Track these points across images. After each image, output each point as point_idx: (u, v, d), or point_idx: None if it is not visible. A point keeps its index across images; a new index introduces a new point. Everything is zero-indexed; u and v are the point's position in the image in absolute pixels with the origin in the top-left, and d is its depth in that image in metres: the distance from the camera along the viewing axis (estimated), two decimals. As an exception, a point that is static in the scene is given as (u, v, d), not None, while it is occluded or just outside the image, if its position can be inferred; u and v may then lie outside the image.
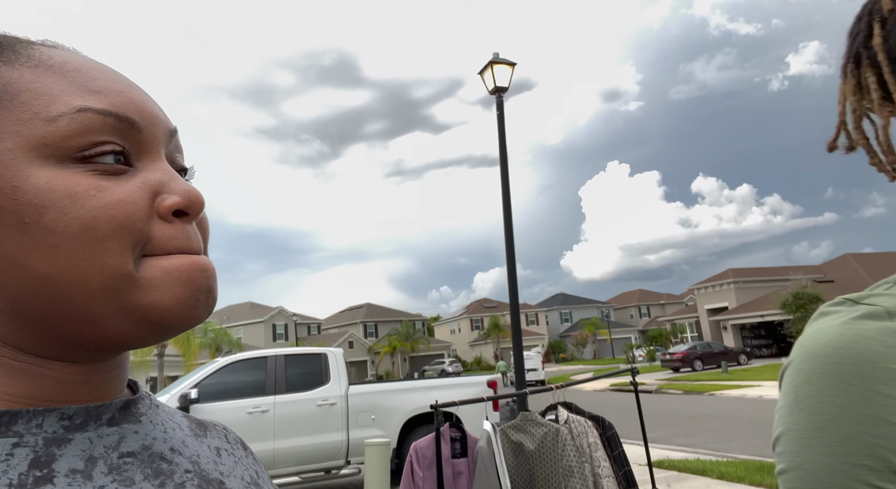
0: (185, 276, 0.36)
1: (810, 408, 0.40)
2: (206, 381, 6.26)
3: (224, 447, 0.46)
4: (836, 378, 0.39)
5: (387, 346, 45.33)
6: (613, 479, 2.15)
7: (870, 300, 0.42)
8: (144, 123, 0.38)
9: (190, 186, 0.38)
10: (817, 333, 0.42)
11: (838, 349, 0.40)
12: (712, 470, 6.26)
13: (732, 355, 27.86)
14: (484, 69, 7.57)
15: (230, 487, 0.41)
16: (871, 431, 0.37)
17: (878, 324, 0.40)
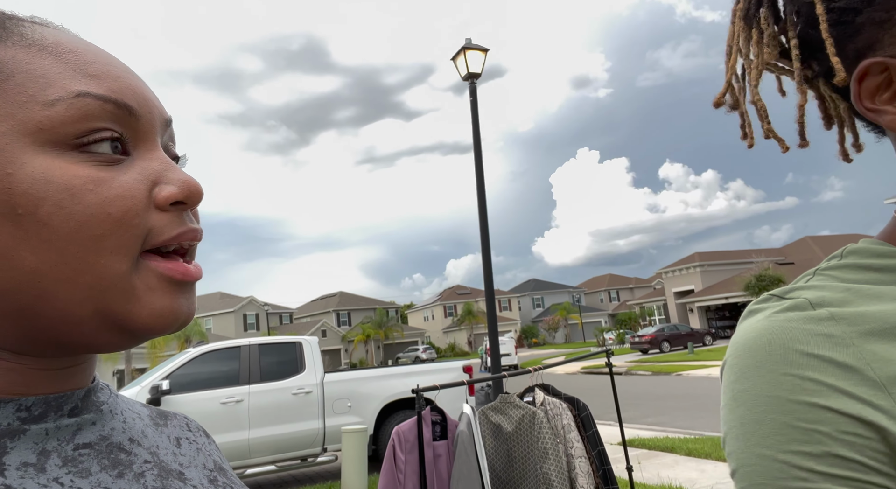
0: (173, 290, 0.36)
1: (746, 402, 0.40)
2: (178, 372, 6.17)
3: (185, 436, 0.45)
4: (767, 369, 0.39)
5: (360, 335, 45.25)
6: (586, 459, 2.21)
7: (793, 294, 0.43)
8: (142, 111, 0.37)
9: (187, 176, 0.37)
10: (747, 330, 0.43)
11: (766, 342, 0.40)
12: (680, 447, 6.48)
13: (698, 336, 28.70)
14: (457, 55, 7.53)
15: (190, 478, 0.41)
16: (806, 417, 0.37)
17: (801, 314, 0.41)
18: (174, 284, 0.36)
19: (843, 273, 0.45)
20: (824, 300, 0.42)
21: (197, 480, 0.41)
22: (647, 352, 27.71)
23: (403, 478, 2.13)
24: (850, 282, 0.43)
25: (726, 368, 0.43)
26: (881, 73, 0.44)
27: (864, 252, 0.46)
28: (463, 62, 7.42)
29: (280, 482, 6.95)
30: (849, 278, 0.44)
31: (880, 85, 0.44)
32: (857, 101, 0.45)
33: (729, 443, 0.42)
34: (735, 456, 0.41)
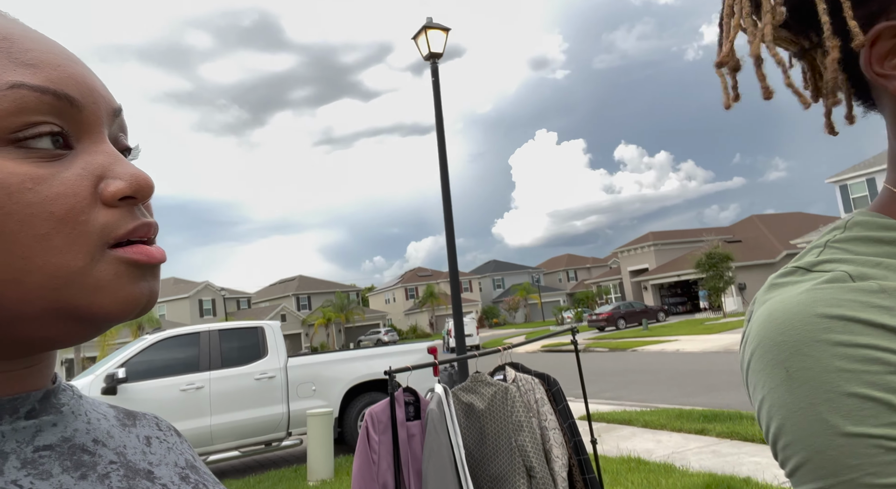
0: (138, 274, 0.35)
1: (812, 380, 0.36)
2: (135, 360, 5.98)
3: (155, 435, 0.45)
4: (819, 341, 0.37)
5: (321, 318, 44.86)
6: (559, 431, 2.28)
7: (823, 267, 0.42)
8: (85, 101, 0.35)
9: (136, 170, 0.35)
10: (786, 303, 0.40)
11: (820, 314, 0.37)
12: (637, 419, 6.75)
13: (652, 313, 29.76)
14: (418, 34, 7.42)
15: (159, 475, 0.40)
16: (878, 384, 0.35)
17: (850, 285, 0.39)
18: (139, 268, 0.35)
19: (853, 245, 0.45)
20: (864, 274, 0.40)
21: (167, 478, 0.41)
22: (604, 329, 28.57)
23: (378, 458, 2.14)
24: (862, 254, 0.44)
25: (761, 350, 0.40)
26: (892, 37, 0.44)
27: (870, 224, 0.46)
28: (424, 42, 7.32)
29: (244, 468, 6.88)
30: (860, 251, 0.44)
31: (891, 50, 0.44)
32: (868, 66, 0.45)
33: (789, 433, 0.37)
34: (801, 447, 0.37)
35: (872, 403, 0.35)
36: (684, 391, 9.33)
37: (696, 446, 5.39)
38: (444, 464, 2.13)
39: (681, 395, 8.91)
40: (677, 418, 6.48)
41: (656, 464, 4.83)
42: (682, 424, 6.16)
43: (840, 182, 23.70)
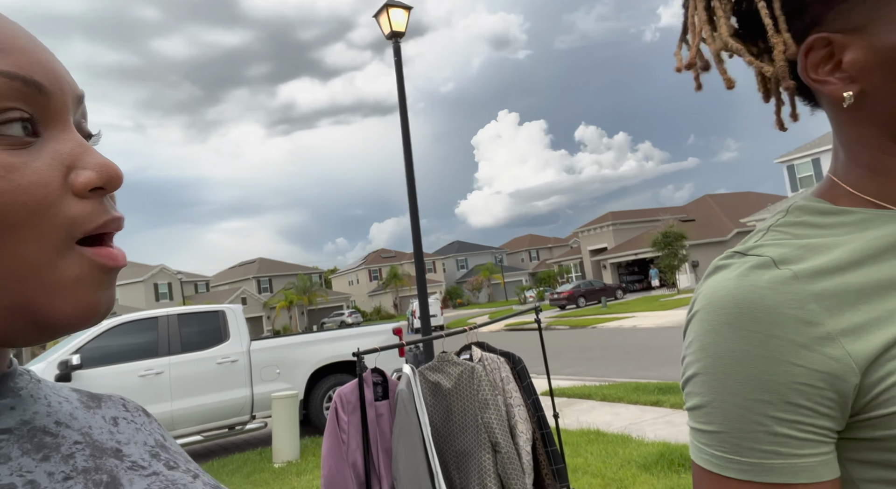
0: (100, 281, 0.35)
1: (716, 354, 0.45)
2: (90, 346, 5.80)
3: (123, 416, 0.44)
4: (738, 326, 0.44)
5: (283, 301, 44.26)
6: (524, 407, 2.35)
7: (756, 251, 0.48)
8: (53, 88, 0.34)
9: (105, 159, 0.35)
10: (718, 286, 0.47)
11: (737, 301, 0.45)
12: (596, 393, 6.99)
13: (610, 291, 30.60)
14: (379, 12, 7.28)
15: (129, 453, 0.40)
16: (768, 370, 0.43)
17: (768, 274, 0.45)
18: (104, 273, 0.35)
19: (792, 229, 0.50)
20: (785, 258, 0.46)
21: (137, 456, 0.40)
22: (565, 307, 29.23)
23: (347, 437, 2.17)
24: (801, 237, 0.49)
25: (696, 319, 0.48)
26: (825, 47, 0.48)
27: (809, 209, 0.51)
28: (386, 20, 7.19)
29: (207, 452, 6.81)
30: (799, 234, 0.49)
31: (823, 58, 0.48)
32: (804, 73, 0.50)
33: (693, 385, 0.47)
34: (699, 396, 0.47)
35: (752, 380, 0.44)
36: (641, 365, 9.69)
37: (651, 417, 5.64)
38: (415, 442, 2.18)
39: (637, 369, 9.26)
40: (634, 391, 6.75)
41: (614, 436, 5.04)
42: (638, 397, 6.42)
43: (787, 162, 24.69)
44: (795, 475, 0.43)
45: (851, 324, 0.43)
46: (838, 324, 0.43)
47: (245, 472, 5.55)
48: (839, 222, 0.49)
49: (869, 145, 0.50)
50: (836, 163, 0.54)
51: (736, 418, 0.44)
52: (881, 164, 0.50)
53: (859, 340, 0.43)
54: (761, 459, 0.43)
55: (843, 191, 0.51)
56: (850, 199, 0.51)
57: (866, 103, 0.48)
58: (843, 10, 0.47)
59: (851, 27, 0.47)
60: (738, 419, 0.44)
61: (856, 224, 0.48)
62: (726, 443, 0.45)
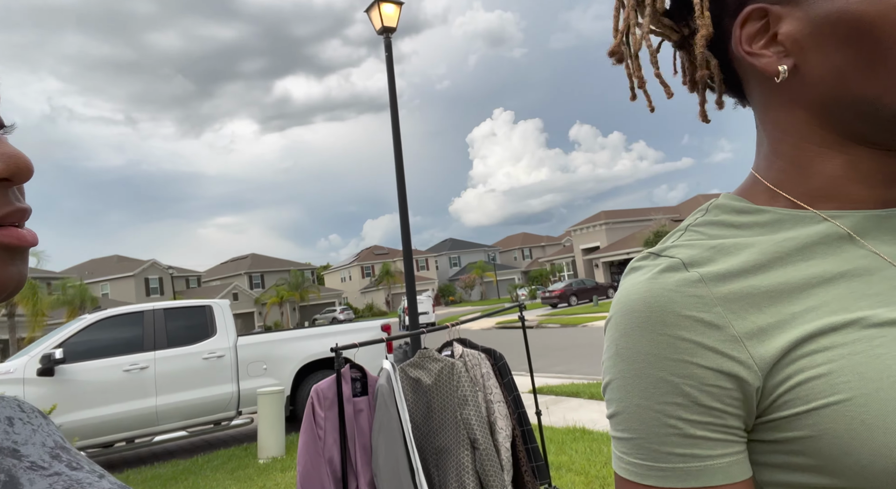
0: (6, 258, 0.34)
1: (628, 358, 0.45)
2: (73, 340, 5.75)
3: (18, 416, 0.42)
4: (647, 329, 0.44)
5: (274, 297, 44.10)
6: (504, 404, 2.34)
7: (668, 252, 0.47)
8: None
9: (14, 150, 0.34)
10: (630, 290, 0.46)
11: (647, 304, 0.44)
12: (584, 391, 7.00)
13: (602, 290, 30.70)
14: (371, 7, 7.24)
15: (27, 454, 0.38)
16: (677, 372, 0.42)
17: (676, 276, 0.45)
18: (9, 251, 0.34)
19: (708, 229, 0.49)
20: (694, 260, 0.46)
21: (36, 456, 0.39)
22: (557, 305, 29.30)
23: (324, 433, 2.15)
24: (714, 237, 0.48)
25: (611, 324, 0.47)
26: (761, 19, 0.46)
27: (725, 208, 0.50)
28: (377, 15, 7.15)
29: (192, 447, 6.77)
30: (713, 234, 0.48)
31: (759, 30, 0.47)
32: (738, 46, 0.48)
33: (610, 391, 0.47)
34: (615, 402, 0.46)
35: (664, 384, 0.43)
36: (630, 364, 9.72)
37: (637, 416, 5.66)
38: (394, 437, 2.16)
39: (626, 368, 9.28)
40: (622, 390, 6.77)
41: (599, 433, 5.04)
42: (625, 396, 6.44)
43: (779, 165, 24.82)
44: (712, 477, 0.42)
45: (756, 326, 0.43)
46: (743, 327, 0.43)
47: (229, 468, 5.52)
48: (752, 222, 0.48)
49: (793, 132, 0.49)
50: (758, 156, 0.53)
51: (650, 423, 0.43)
52: (802, 156, 0.48)
53: (762, 344, 0.42)
54: (678, 464, 0.43)
55: (762, 187, 0.50)
56: (768, 195, 0.50)
57: (798, 80, 0.46)
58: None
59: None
60: (652, 423, 0.43)
61: (767, 225, 0.48)
62: (643, 450, 0.44)
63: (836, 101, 0.45)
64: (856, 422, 0.39)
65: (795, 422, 0.41)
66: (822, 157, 0.48)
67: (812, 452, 0.41)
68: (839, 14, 0.42)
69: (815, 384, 0.40)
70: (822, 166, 0.48)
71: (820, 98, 0.46)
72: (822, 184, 0.48)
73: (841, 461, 0.39)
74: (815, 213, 0.47)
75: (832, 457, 0.40)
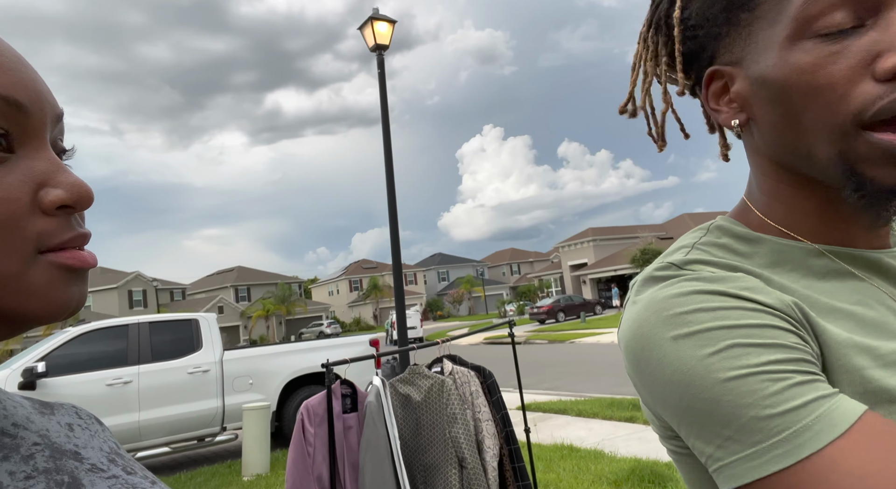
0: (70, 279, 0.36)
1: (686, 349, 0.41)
2: (56, 353, 5.65)
3: (76, 423, 0.44)
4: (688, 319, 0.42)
5: (261, 310, 43.65)
6: (492, 422, 2.35)
7: (692, 267, 0.47)
8: (33, 108, 0.35)
9: (77, 179, 0.36)
10: (663, 296, 0.44)
11: (683, 296, 0.43)
12: (571, 408, 7.00)
13: (590, 306, 30.79)
14: (364, 25, 7.33)
15: (87, 457, 0.40)
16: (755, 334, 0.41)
17: (719, 272, 0.46)
18: (72, 272, 0.36)
19: (713, 249, 0.51)
20: (722, 277, 0.46)
21: (95, 459, 0.41)
22: (545, 322, 29.31)
23: (313, 450, 2.14)
24: (720, 259, 0.49)
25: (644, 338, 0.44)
26: (720, 78, 0.51)
27: (729, 231, 0.53)
28: (370, 33, 7.24)
29: (175, 464, 6.65)
30: (719, 256, 0.50)
31: (720, 89, 0.51)
32: (705, 103, 0.53)
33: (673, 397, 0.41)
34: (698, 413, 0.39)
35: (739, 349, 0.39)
36: (617, 380, 9.74)
37: (624, 433, 5.66)
38: (382, 455, 2.16)
39: (613, 385, 9.30)
40: (609, 407, 6.78)
41: (587, 451, 5.04)
42: (612, 413, 6.44)
43: (763, 184, 25.23)
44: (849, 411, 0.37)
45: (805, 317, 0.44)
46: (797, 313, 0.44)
47: (213, 486, 5.43)
48: (754, 251, 0.51)
49: (766, 173, 0.52)
50: (749, 187, 0.56)
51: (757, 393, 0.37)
52: (779, 193, 0.52)
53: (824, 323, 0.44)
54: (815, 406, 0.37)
55: (754, 216, 0.53)
56: (760, 223, 0.53)
57: (754, 131, 0.51)
58: (727, 44, 0.50)
59: (735, 60, 0.49)
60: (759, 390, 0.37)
61: (768, 256, 0.50)
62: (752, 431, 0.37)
63: (782, 150, 0.49)
64: None
65: None
66: (798, 196, 0.51)
67: None
68: (762, 76, 0.47)
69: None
70: (801, 204, 0.51)
71: (770, 148, 0.50)
72: (805, 219, 0.50)
73: None
74: (812, 246, 0.50)
75: None
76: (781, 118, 0.47)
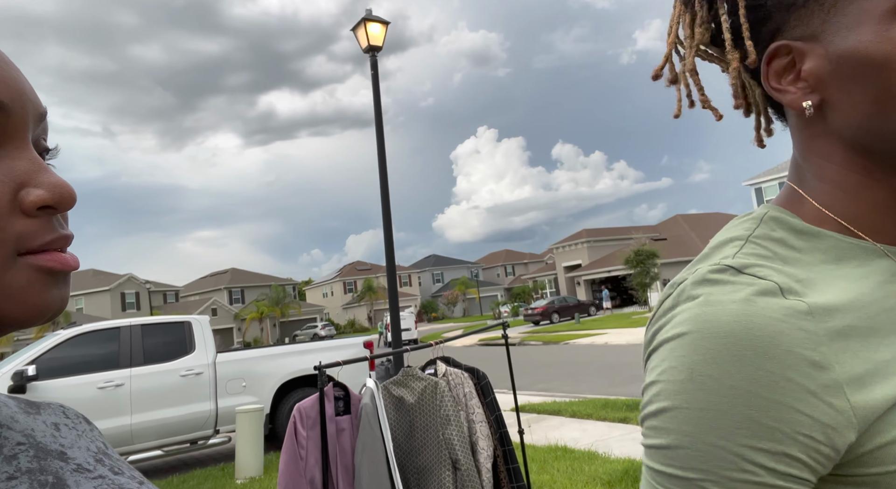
0: (50, 282, 0.35)
1: (710, 389, 0.39)
2: (46, 356, 5.61)
3: (63, 422, 0.44)
4: (745, 361, 0.38)
5: (254, 312, 43.48)
6: (486, 423, 2.35)
7: (752, 270, 0.43)
8: (14, 106, 0.34)
9: (59, 179, 0.35)
10: (719, 310, 0.40)
11: (749, 331, 0.39)
12: (566, 409, 7.01)
13: (584, 307, 30.88)
14: (357, 26, 7.32)
15: (73, 457, 0.40)
16: (774, 415, 0.38)
17: (781, 303, 0.40)
18: (53, 275, 0.35)
19: (771, 245, 0.46)
20: (792, 288, 0.42)
21: (82, 459, 0.40)
22: (539, 323, 29.35)
23: (305, 453, 2.13)
24: (786, 261, 0.45)
25: (685, 343, 0.41)
26: (786, 55, 0.47)
27: (783, 223, 0.48)
28: (364, 34, 7.23)
29: (168, 467, 6.60)
30: (778, 252, 0.46)
31: (786, 66, 0.47)
32: (766, 82, 0.48)
33: (666, 420, 0.41)
34: (674, 434, 0.40)
35: (754, 425, 0.38)
36: (611, 381, 9.77)
37: (618, 434, 5.67)
38: (378, 458, 2.15)
39: (607, 386, 9.32)
40: (603, 408, 6.79)
41: (581, 452, 5.05)
42: (606, 413, 6.46)
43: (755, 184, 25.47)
44: None
45: (854, 373, 0.39)
46: (844, 372, 0.39)
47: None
48: (813, 247, 0.46)
49: (834, 160, 0.48)
50: (798, 175, 0.51)
51: (724, 466, 0.38)
52: (847, 182, 0.47)
53: (859, 392, 0.39)
54: None
55: (810, 205, 0.49)
56: (816, 215, 0.48)
57: (827, 114, 0.46)
58: (802, 16, 0.45)
59: (810, 34, 0.45)
60: (726, 467, 0.38)
61: (829, 252, 0.46)
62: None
63: (866, 133, 0.44)
64: None
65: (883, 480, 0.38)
66: (867, 186, 0.47)
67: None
68: (852, 53, 0.43)
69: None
70: (869, 194, 0.47)
71: (850, 131, 0.45)
72: (871, 211, 0.47)
73: None
74: (874, 245, 0.45)
75: None
76: (873, 97, 0.43)
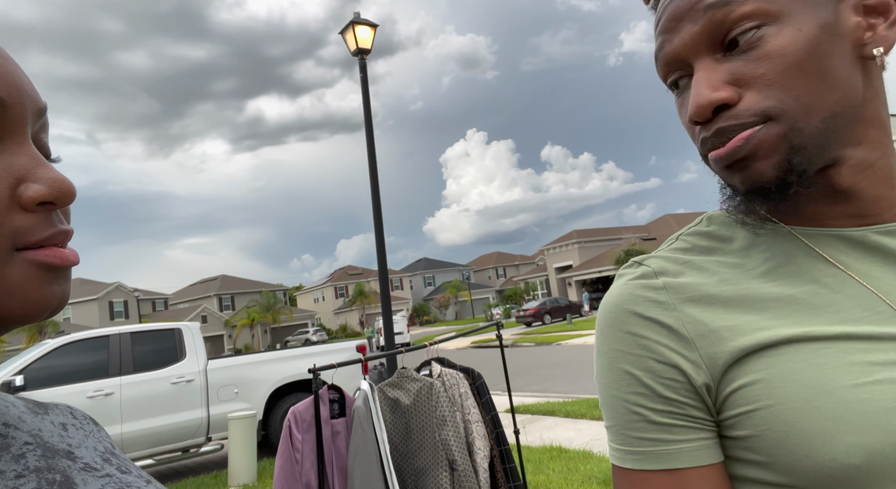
0: (49, 278, 0.35)
1: (602, 353, 0.51)
2: (34, 366, 5.53)
3: (71, 422, 0.44)
4: (614, 328, 0.50)
5: (245, 319, 43.16)
6: (482, 423, 2.34)
7: (647, 261, 0.53)
8: (12, 101, 0.34)
9: (58, 174, 0.35)
10: (609, 294, 0.53)
11: (615, 305, 0.51)
12: (560, 410, 7.02)
13: (575, 308, 30.94)
14: (345, 29, 7.31)
15: (81, 456, 0.40)
16: (638, 365, 0.48)
17: (644, 282, 0.51)
18: (52, 270, 0.35)
19: (695, 238, 0.54)
20: (665, 270, 0.52)
21: (89, 458, 0.40)
22: (531, 324, 29.38)
23: (301, 456, 2.11)
24: (696, 248, 0.53)
25: (596, 325, 0.54)
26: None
27: (717, 219, 0.55)
28: (352, 37, 7.22)
29: (159, 476, 6.52)
30: (698, 245, 0.53)
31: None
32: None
33: (597, 385, 0.53)
34: (600, 394, 0.52)
35: (629, 376, 0.49)
36: (604, 382, 9.79)
37: (613, 433, 5.68)
38: (371, 460, 2.14)
39: (601, 386, 9.34)
40: (596, 407, 6.80)
41: (576, 452, 5.05)
42: (600, 413, 6.47)
43: (743, 185, 25.62)
44: (680, 460, 0.47)
45: (707, 329, 0.47)
46: (695, 329, 0.48)
47: (199, 497, 5.33)
48: (737, 235, 0.53)
49: None
50: None
51: (621, 411, 0.49)
52: None
53: (713, 345, 0.47)
54: (649, 447, 0.47)
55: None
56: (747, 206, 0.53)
57: None
58: None
59: None
60: (622, 412, 0.49)
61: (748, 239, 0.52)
62: (620, 436, 0.49)
63: None
64: (788, 424, 0.43)
65: (742, 421, 0.45)
66: None
67: (757, 449, 0.45)
68: None
69: (757, 387, 0.44)
70: None
71: None
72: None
73: (778, 459, 0.43)
74: (788, 230, 0.50)
75: (771, 455, 0.44)
76: None
